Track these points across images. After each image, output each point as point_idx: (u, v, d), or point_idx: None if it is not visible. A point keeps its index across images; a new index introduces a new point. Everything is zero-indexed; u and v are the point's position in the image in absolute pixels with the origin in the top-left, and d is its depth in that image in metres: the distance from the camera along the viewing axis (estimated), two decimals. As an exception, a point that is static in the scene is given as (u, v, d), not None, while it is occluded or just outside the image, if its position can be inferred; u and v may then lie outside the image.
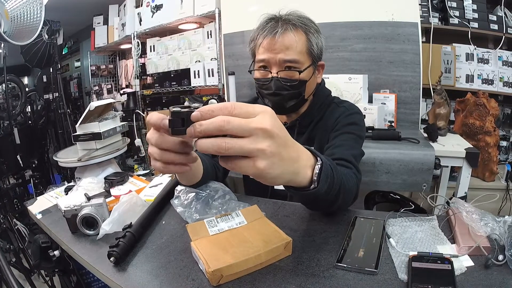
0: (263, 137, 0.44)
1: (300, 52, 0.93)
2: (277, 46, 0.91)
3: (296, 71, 0.93)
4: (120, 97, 3.37)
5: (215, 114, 0.43)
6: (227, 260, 0.57)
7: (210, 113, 0.43)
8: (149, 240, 0.73)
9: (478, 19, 2.19)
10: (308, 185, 0.57)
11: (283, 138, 0.47)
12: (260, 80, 0.98)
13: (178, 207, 0.81)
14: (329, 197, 0.64)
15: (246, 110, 0.45)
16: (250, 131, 0.43)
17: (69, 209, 0.80)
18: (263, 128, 0.44)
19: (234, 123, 0.43)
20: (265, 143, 0.44)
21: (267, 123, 0.44)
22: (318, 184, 0.57)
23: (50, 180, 2.69)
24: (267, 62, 0.95)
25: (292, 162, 0.50)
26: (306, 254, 0.64)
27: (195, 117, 0.44)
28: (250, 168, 0.45)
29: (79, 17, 3.29)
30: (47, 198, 1.11)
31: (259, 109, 0.45)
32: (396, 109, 1.97)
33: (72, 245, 0.75)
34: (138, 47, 3.10)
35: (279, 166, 0.47)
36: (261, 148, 0.44)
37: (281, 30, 0.91)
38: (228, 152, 0.43)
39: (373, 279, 0.56)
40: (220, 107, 0.44)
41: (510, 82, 2.25)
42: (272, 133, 0.45)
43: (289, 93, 0.95)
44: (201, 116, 0.44)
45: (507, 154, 2.38)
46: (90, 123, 1.32)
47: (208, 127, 0.43)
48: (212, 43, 2.68)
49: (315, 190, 0.57)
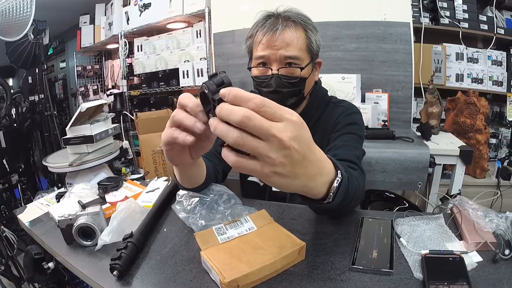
0: (278, 148, 0.41)
1: (300, 49, 0.92)
2: (277, 43, 0.90)
3: (297, 67, 0.92)
4: (106, 98, 3.29)
5: (241, 102, 0.41)
6: (242, 269, 0.54)
7: (237, 99, 0.41)
8: (152, 250, 0.69)
9: (468, 19, 2.22)
10: (322, 198, 0.55)
11: (302, 153, 0.44)
12: (260, 77, 0.95)
13: (180, 213, 0.77)
14: (342, 209, 0.63)
15: (273, 112, 0.42)
16: (267, 136, 0.41)
17: (64, 218, 0.75)
18: (279, 138, 0.41)
19: (254, 123, 0.40)
20: (277, 154, 0.42)
21: (286, 135, 0.41)
22: (333, 199, 0.55)
23: (37, 184, 2.60)
24: (267, 58, 0.92)
25: (305, 177, 0.47)
26: (319, 258, 0.63)
27: (222, 94, 0.42)
28: (255, 171, 0.43)
29: (64, 16, 3.19)
30: (37, 205, 1.05)
31: (287, 116, 0.42)
32: (388, 109, 1.99)
33: (69, 257, 0.71)
34: (125, 47, 3.03)
35: (288, 178, 0.45)
36: (271, 157, 0.42)
37: (282, 27, 0.89)
38: (239, 147, 0.41)
39: (389, 279, 0.57)
40: (250, 98, 0.41)
41: (499, 81, 2.30)
42: (288, 146, 0.42)
43: (290, 90, 0.93)
44: (227, 95, 0.41)
45: (496, 151, 2.42)
46: (81, 126, 1.26)
47: (229, 117, 0.40)
48: (201, 43, 2.64)
49: (329, 204, 0.56)
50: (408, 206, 1.82)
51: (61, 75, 4.00)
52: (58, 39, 3.81)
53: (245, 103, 0.41)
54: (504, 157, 2.31)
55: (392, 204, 1.83)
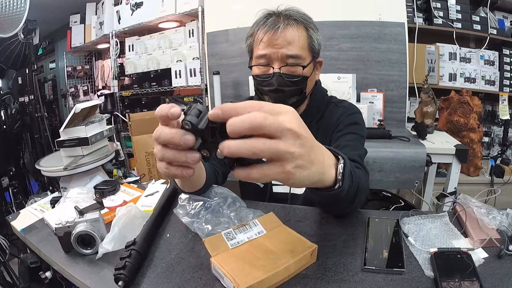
0: (293, 140, 0.41)
1: (302, 47, 0.91)
2: (279, 41, 0.88)
3: (299, 65, 0.91)
4: (97, 99, 3.23)
5: (238, 113, 0.39)
6: (256, 275, 0.53)
7: (232, 111, 0.39)
8: (156, 257, 0.66)
9: (461, 19, 2.25)
10: (333, 184, 0.55)
11: (310, 139, 0.45)
12: (261, 76, 0.94)
13: (184, 217, 0.75)
14: (349, 197, 0.63)
15: (271, 109, 0.41)
16: (282, 131, 0.40)
17: (61, 226, 0.71)
18: (292, 129, 0.41)
19: (270, 121, 0.39)
20: (295, 146, 0.41)
21: (295, 124, 0.41)
22: (342, 183, 0.55)
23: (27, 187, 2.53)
24: (269, 57, 0.91)
25: (319, 163, 0.48)
26: (330, 259, 0.63)
27: (213, 116, 0.39)
28: (279, 174, 0.42)
29: (54, 15, 3.12)
30: (31, 211, 1.01)
31: (283, 109, 0.42)
32: (383, 108, 1.99)
33: (68, 267, 0.68)
34: (116, 47, 2.98)
35: (307, 168, 0.45)
36: (292, 151, 0.41)
37: (283, 25, 0.88)
38: (261, 155, 0.40)
39: (401, 278, 0.57)
40: (245, 105, 0.40)
41: (492, 80, 2.33)
42: (300, 134, 0.42)
43: (291, 89, 0.93)
44: (221, 114, 0.39)
45: (489, 150, 2.46)
46: (76, 127, 1.21)
47: (243, 125, 0.38)
48: (194, 42, 2.61)
49: (340, 189, 0.56)
50: (404, 204, 1.84)
51: (51, 76, 3.91)
52: (48, 39, 3.73)
53: (243, 111, 0.39)
54: (497, 155, 2.35)
55: (388, 203, 1.84)
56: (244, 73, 2.23)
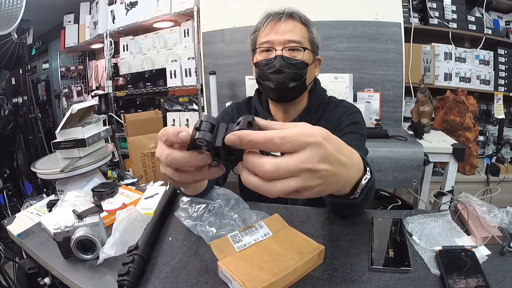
0: (311, 176, 0.40)
1: (302, 36, 0.95)
2: (281, 29, 0.94)
3: (300, 47, 0.94)
4: (91, 99, 3.19)
5: (257, 147, 0.39)
6: (265, 278, 0.52)
7: (253, 144, 0.39)
8: (159, 262, 0.65)
9: (457, 19, 2.26)
10: (349, 193, 0.55)
11: (334, 167, 0.43)
12: (262, 61, 0.97)
13: (186, 220, 0.74)
14: (361, 205, 0.64)
15: (295, 144, 0.39)
16: (300, 173, 0.39)
17: (60, 231, 0.69)
18: (311, 169, 0.40)
19: (284, 170, 0.39)
20: (313, 181, 0.41)
21: (315, 160, 0.40)
22: (359, 195, 0.55)
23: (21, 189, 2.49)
24: (271, 43, 0.95)
25: (341, 183, 0.47)
26: (337, 260, 0.63)
27: (230, 142, 0.38)
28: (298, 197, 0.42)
29: (48, 15, 3.06)
30: (27, 215, 0.98)
31: (310, 140, 0.40)
32: (380, 108, 2.00)
33: (68, 273, 0.66)
34: (110, 47, 2.95)
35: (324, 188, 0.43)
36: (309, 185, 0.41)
37: (285, 18, 0.95)
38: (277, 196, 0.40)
39: (408, 277, 0.58)
40: (267, 139, 0.38)
41: (487, 79, 2.35)
42: (321, 170, 0.41)
43: (292, 72, 0.94)
44: (240, 145, 0.39)
45: (483, 148, 2.48)
46: (72, 128, 1.19)
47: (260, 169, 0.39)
48: (189, 42, 2.60)
49: (354, 200, 0.55)
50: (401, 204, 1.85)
51: (44, 76, 3.85)
52: (41, 39, 3.68)
53: (263, 146, 0.39)
54: (492, 153, 2.37)
55: (386, 202, 1.85)
56: (240, 73, 2.22)
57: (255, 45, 1.01)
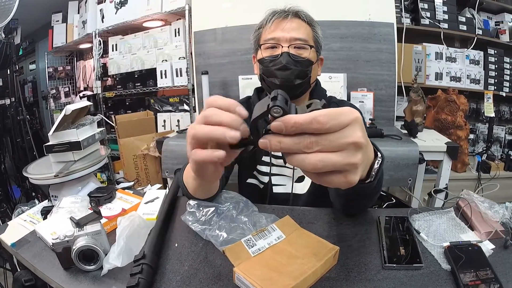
0: (355, 151, 0.39)
1: (308, 35, 0.96)
2: (287, 27, 0.94)
3: (306, 45, 0.95)
4: (79, 100, 3.13)
5: (302, 129, 0.38)
6: (286, 282, 0.51)
7: (297, 127, 0.38)
8: (168, 270, 0.62)
9: (448, 20, 2.30)
10: (364, 179, 0.54)
11: (369, 146, 0.45)
12: (268, 57, 0.97)
13: (194, 224, 0.72)
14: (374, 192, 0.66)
15: (339, 121, 0.39)
16: (346, 146, 0.39)
17: (59, 241, 0.65)
18: (356, 143, 0.39)
19: (323, 143, 0.38)
20: (357, 157, 0.40)
21: (358, 136, 0.39)
22: (375, 178, 0.54)
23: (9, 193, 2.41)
24: (278, 39, 0.95)
25: (366, 162, 0.47)
26: (350, 260, 0.63)
27: (276, 128, 0.38)
28: (341, 183, 0.40)
29: (35, 15, 2.97)
30: (20, 223, 0.93)
31: (351, 117, 0.40)
32: (374, 107, 2.02)
33: (69, 285, 0.62)
34: (99, 46, 2.89)
35: (360, 171, 0.42)
36: (353, 163, 0.39)
37: (291, 16, 0.96)
38: (319, 170, 0.39)
39: (421, 273, 0.60)
40: (310, 119, 0.37)
41: (477, 79, 2.40)
42: (362, 145, 0.40)
43: (298, 69, 0.94)
44: (285, 130, 0.38)
45: (474, 146, 2.53)
46: (66, 131, 1.14)
47: (291, 148, 0.38)
48: (180, 41, 2.57)
49: (370, 183, 0.54)
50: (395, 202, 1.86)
51: (31, 77, 3.75)
52: (28, 39, 3.57)
53: (308, 127, 0.38)
54: (482, 151, 2.42)
55: (380, 201, 1.86)
56: (233, 73, 2.20)
57: (259, 41, 1.00)
